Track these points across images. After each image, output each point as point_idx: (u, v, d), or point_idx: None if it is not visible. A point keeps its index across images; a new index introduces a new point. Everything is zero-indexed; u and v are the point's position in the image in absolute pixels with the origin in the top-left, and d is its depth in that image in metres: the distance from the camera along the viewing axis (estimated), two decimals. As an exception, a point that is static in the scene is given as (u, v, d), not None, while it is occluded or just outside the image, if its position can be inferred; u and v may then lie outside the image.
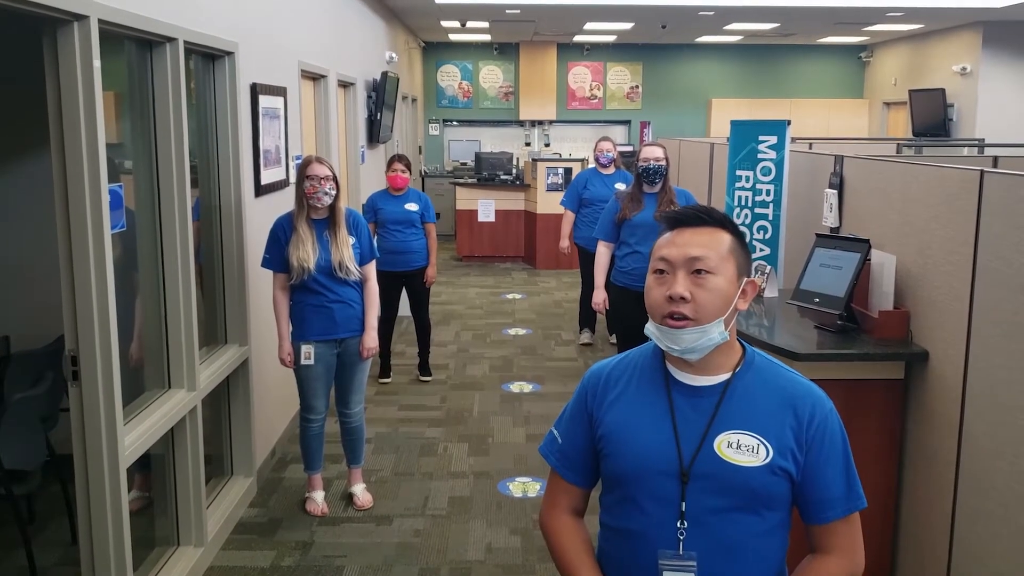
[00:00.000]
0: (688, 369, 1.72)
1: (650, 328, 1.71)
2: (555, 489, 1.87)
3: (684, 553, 1.65)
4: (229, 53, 4.22)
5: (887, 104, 14.03)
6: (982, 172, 2.97)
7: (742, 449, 1.65)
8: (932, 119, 11.75)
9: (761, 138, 4.77)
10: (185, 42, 3.63)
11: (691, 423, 1.68)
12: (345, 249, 4.12)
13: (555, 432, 1.88)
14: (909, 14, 10.45)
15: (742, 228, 4.87)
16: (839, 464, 1.69)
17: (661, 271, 1.69)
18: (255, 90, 4.57)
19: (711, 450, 1.66)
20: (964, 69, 11.47)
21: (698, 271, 1.66)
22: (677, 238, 1.70)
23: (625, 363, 1.82)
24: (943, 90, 11.69)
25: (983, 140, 8.75)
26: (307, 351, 4.17)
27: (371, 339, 4.27)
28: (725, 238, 1.70)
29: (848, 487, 1.69)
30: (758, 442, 1.65)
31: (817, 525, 1.70)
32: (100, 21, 2.85)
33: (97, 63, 2.83)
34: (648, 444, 1.69)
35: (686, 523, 1.65)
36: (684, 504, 1.65)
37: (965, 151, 8.94)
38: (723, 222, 1.72)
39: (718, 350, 1.69)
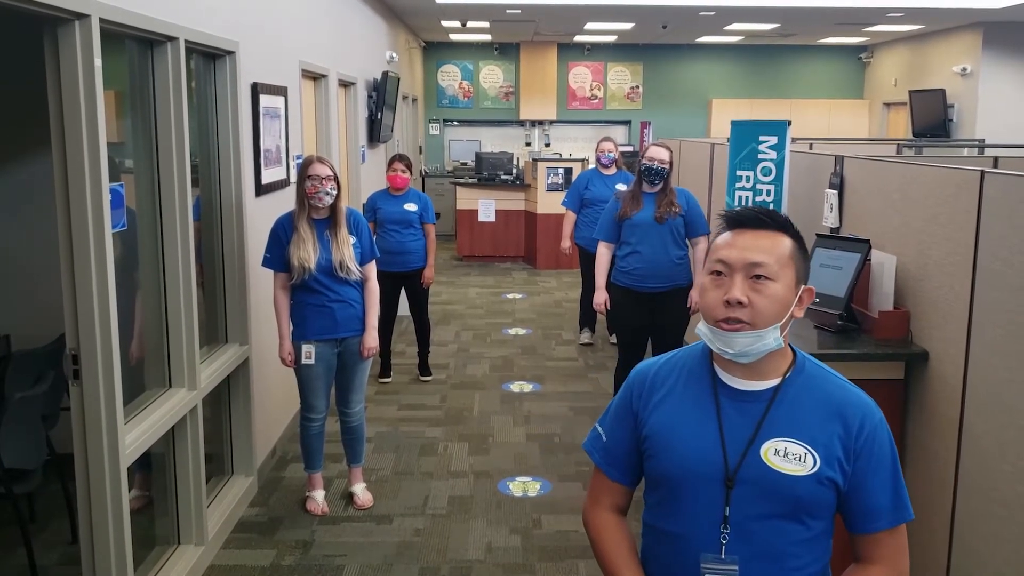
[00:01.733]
0: (737, 373, 1.69)
1: (702, 329, 1.68)
2: (598, 486, 1.86)
3: (726, 557, 1.63)
4: (230, 52, 4.22)
5: (887, 105, 14.03)
6: (982, 172, 2.97)
7: (789, 457, 1.62)
8: (932, 120, 11.75)
9: (762, 138, 4.77)
10: (186, 41, 3.63)
11: (737, 428, 1.66)
12: (346, 249, 4.12)
13: (599, 429, 1.87)
14: (909, 15, 10.45)
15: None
16: (887, 475, 1.65)
17: (719, 272, 1.65)
18: (256, 89, 4.57)
19: (757, 457, 1.63)
20: (964, 70, 11.47)
21: (757, 276, 1.62)
22: (737, 240, 1.66)
23: (672, 363, 1.79)
24: (943, 91, 11.69)
25: (983, 141, 8.75)
26: (308, 351, 4.17)
27: (371, 339, 4.27)
28: (786, 243, 1.66)
29: (896, 498, 1.66)
30: (805, 451, 1.62)
31: (862, 535, 1.68)
32: (101, 20, 2.85)
33: (98, 62, 2.83)
34: (693, 447, 1.67)
35: (729, 528, 1.63)
36: (728, 509, 1.63)
37: (965, 152, 8.95)
38: (785, 226, 1.68)
39: (769, 355, 1.66)
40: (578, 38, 13.98)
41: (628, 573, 1.75)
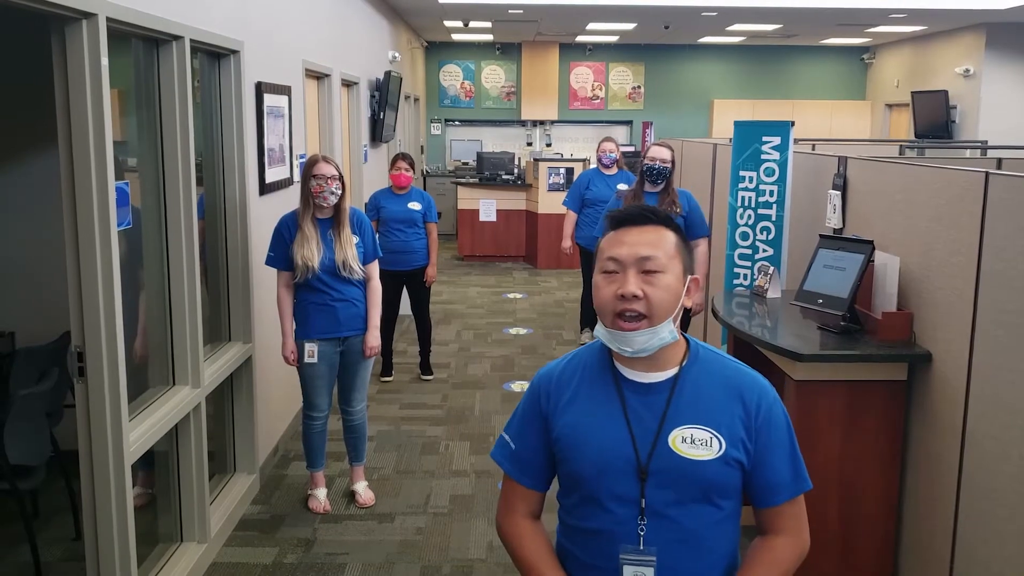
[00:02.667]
0: (637, 366, 1.74)
1: (600, 331, 1.74)
2: (511, 494, 1.87)
3: (645, 548, 1.68)
4: (234, 52, 4.23)
5: (889, 106, 14.03)
6: (987, 174, 2.97)
7: (696, 443, 1.68)
8: (934, 121, 11.75)
9: (765, 139, 4.77)
10: (191, 40, 3.64)
11: (644, 421, 1.71)
12: (349, 248, 4.13)
13: (506, 437, 1.88)
14: (912, 16, 10.45)
15: (745, 229, 4.88)
16: (785, 450, 1.74)
17: (611, 270, 1.71)
18: (260, 89, 4.58)
19: (666, 446, 1.69)
20: (967, 71, 11.47)
21: (648, 270, 1.68)
22: (624, 237, 1.72)
23: (575, 364, 1.83)
24: (946, 92, 11.69)
25: (986, 142, 8.76)
26: (311, 349, 4.18)
27: (374, 338, 4.28)
28: (671, 237, 1.73)
29: (794, 471, 1.74)
30: (710, 435, 1.69)
31: (765, 509, 1.75)
32: (108, 19, 2.86)
33: (105, 61, 2.84)
34: (605, 444, 1.71)
35: (646, 519, 1.68)
36: (643, 501, 1.68)
37: (968, 153, 8.95)
38: (666, 221, 1.75)
39: (666, 346, 1.72)
40: (580, 38, 13.99)
41: (553, 575, 1.78)
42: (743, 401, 1.71)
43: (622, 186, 6.78)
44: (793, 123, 4.78)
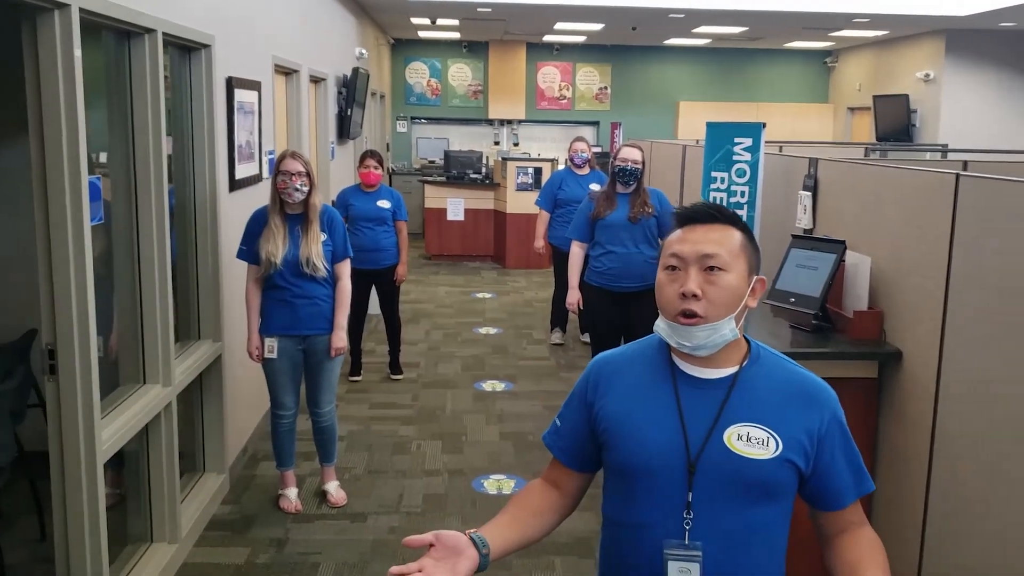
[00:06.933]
0: (695, 363, 1.72)
1: (660, 325, 1.72)
2: (548, 467, 1.91)
3: (690, 543, 1.66)
4: (206, 46, 4.18)
5: (851, 109, 14.23)
6: (958, 175, 3.02)
7: (752, 442, 1.66)
8: (895, 124, 11.95)
9: (736, 140, 4.81)
10: (163, 34, 3.58)
11: (698, 416, 1.69)
12: (315, 245, 4.08)
13: (558, 423, 1.90)
14: (875, 21, 10.62)
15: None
16: (848, 454, 1.73)
17: (673, 267, 1.69)
18: (231, 84, 4.52)
19: (720, 442, 1.67)
20: (927, 76, 11.68)
21: (711, 268, 1.67)
22: (689, 235, 1.70)
23: (630, 354, 1.83)
24: (907, 96, 11.89)
25: (946, 145, 8.92)
26: (270, 344, 4.15)
27: (339, 338, 4.23)
28: (736, 235, 1.71)
29: (857, 473, 1.74)
30: (767, 435, 1.67)
31: (831, 512, 1.75)
32: (81, 10, 2.81)
33: (78, 52, 2.79)
34: (654, 435, 1.70)
35: (692, 514, 1.66)
36: (691, 495, 1.66)
37: (928, 156, 9.10)
38: (733, 219, 1.73)
39: (726, 345, 1.70)
40: (547, 38, 14.01)
41: (502, 518, 1.78)
42: (804, 404, 1.70)
43: (594, 186, 6.81)
44: (765, 124, 4.83)
